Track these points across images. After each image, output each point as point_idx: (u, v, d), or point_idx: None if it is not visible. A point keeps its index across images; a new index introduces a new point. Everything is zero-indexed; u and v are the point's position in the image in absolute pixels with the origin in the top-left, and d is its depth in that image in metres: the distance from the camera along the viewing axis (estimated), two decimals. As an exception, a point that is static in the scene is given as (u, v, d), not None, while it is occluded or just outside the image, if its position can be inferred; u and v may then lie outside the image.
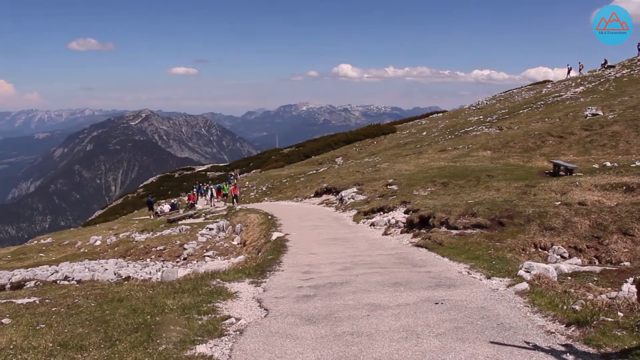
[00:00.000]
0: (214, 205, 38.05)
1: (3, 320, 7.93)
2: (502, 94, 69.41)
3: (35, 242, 39.24)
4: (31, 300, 9.45)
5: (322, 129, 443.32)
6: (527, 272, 8.10)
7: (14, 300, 9.58)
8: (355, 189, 26.15)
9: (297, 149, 77.27)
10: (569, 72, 63.83)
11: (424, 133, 53.89)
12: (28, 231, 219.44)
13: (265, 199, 39.28)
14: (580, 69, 62.24)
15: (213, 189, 42.69)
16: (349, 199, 24.67)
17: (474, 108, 64.37)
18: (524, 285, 7.44)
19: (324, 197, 29.90)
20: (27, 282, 16.50)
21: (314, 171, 47.47)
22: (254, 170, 73.10)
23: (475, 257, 10.45)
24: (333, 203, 26.59)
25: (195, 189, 50.16)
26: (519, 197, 15.25)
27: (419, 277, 8.92)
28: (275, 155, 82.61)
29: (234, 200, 38.01)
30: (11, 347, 6.46)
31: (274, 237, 16.35)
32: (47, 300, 9.28)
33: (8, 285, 16.65)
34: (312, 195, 32.28)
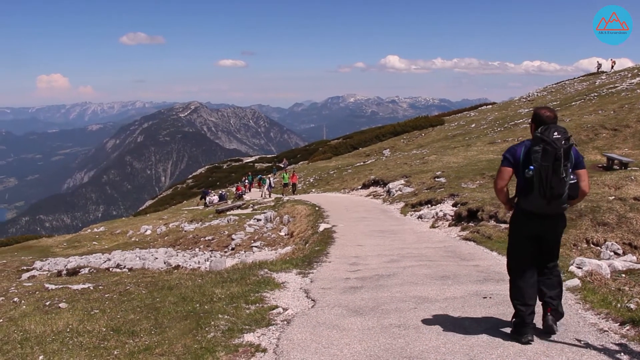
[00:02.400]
0: (269, 196, 37.97)
1: (60, 305, 8.22)
2: (554, 86, 67.72)
3: (89, 230, 40.42)
4: (86, 286, 9.74)
5: (369, 121, 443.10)
6: (579, 268, 7.91)
7: (69, 286, 9.91)
8: (402, 181, 26.02)
9: (344, 141, 77.17)
10: (598, 69, 62.26)
11: (473, 125, 53.12)
12: (82, 220, 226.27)
13: (313, 190, 39.38)
14: (612, 66, 60.48)
15: (271, 179, 42.46)
16: (396, 191, 24.57)
17: (524, 100, 63.02)
18: (575, 282, 7.27)
19: (371, 189, 29.85)
20: (82, 269, 16.99)
21: (361, 163, 47.38)
22: (302, 162, 73.40)
23: (525, 251, 10.27)
24: (380, 195, 26.53)
25: (247, 180, 50.61)
26: (571, 191, 14.87)
27: (467, 271, 8.83)
28: (322, 146, 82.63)
29: (293, 189, 38.02)
30: (68, 330, 6.71)
31: (321, 229, 16.42)
32: (100, 287, 9.56)
33: (64, 272, 17.20)
34: (360, 187, 32.25)
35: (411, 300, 7.07)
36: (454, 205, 17.26)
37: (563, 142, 4.80)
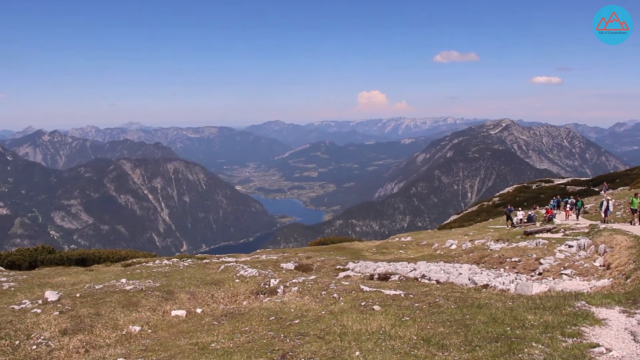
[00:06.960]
0: (605, 222, 33.06)
1: (374, 307, 8.71)
2: None
3: (397, 239, 42.31)
4: (396, 292, 10.16)
5: None
6: None
7: (382, 290, 10.45)
8: None
9: (676, 167, 68.36)
10: None
11: None
12: (389, 228, 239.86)
13: (637, 221, 35.42)
14: None
15: (610, 202, 35.35)
16: None
17: None
18: None
19: None
20: (391, 276, 17.80)
21: (698, 194, 41.28)
22: (621, 188, 66.94)
23: None
24: None
25: (569, 205, 47.24)
26: None
27: None
28: (648, 172, 74.37)
29: None
30: (381, 332, 7.06)
31: (646, 264, 14.70)
32: (410, 295, 9.88)
33: (376, 276, 18.24)
34: (694, 221, 28.13)
35: None
36: None
37: None
